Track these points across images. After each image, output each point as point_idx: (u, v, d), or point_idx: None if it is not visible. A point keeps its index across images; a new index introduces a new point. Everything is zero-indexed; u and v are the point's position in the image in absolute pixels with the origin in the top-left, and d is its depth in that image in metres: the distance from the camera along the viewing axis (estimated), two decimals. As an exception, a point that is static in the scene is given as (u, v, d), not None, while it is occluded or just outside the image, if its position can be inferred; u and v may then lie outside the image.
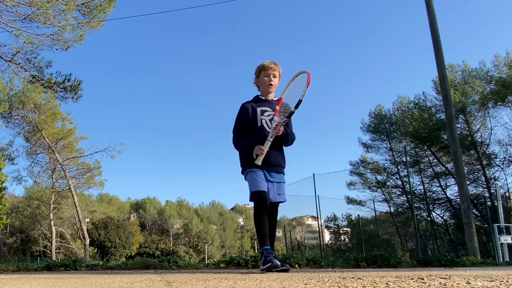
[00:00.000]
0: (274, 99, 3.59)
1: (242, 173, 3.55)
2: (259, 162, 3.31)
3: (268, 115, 3.48)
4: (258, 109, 3.51)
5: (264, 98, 3.57)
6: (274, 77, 3.53)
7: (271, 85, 3.52)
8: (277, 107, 3.42)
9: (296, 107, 3.35)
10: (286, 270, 3.19)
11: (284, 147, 3.59)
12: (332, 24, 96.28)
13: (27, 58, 15.10)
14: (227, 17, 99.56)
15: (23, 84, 20.52)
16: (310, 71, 3.43)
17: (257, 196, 3.31)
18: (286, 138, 3.44)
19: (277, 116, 3.39)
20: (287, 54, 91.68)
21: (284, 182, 3.57)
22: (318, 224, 18.18)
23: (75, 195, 26.38)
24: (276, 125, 3.32)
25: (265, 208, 3.29)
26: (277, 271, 3.06)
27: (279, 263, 3.05)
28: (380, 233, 24.14)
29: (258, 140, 3.37)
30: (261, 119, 3.47)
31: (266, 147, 3.32)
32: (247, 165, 3.46)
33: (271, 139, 3.33)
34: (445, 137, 19.93)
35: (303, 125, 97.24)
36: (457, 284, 1.59)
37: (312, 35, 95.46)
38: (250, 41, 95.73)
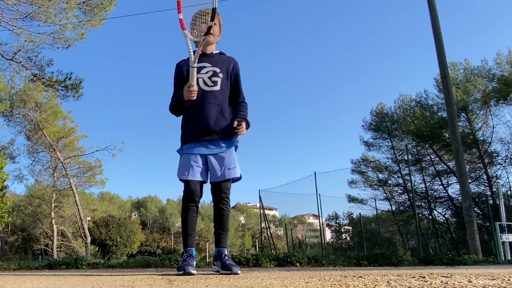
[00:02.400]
0: (215, 52, 2.98)
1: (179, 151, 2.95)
2: (194, 96, 2.71)
3: (207, 72, 2.86)
4: (193, 68, 2.80)
5: (201, 52, 2.84)
6: (214, 24, 2.76)
7: (210, 33, 2.75)
8: (180, 16, 2.77)
9: (212, 19, 2.65)
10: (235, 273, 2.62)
11: (225, 98, 2.88)
12: (333, 23, 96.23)
13: (28, 57, 15.11)
14: (227, 16, 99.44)
15: (24, 83, 20.57)
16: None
17: (184, 186, 2.81)
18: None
19: (185, 30, 2.76)
20: (287, 54, 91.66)
21: (233, 148, 2.89)
22: (319, 222, 18.17)
23: (76, 194, 26.40)
24: (196, 41, 2.69)
25: (190, 202, 2.78)
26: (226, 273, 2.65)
27: (193, 272, 2.58)
28: (382, 231, 24.17)
29: (196, 102, 2.80)
30: (197, 78, 2.81)
31: (192, 78, 2.71)
32: (181, 141, 2.93)
33: (195, 65, 2.70)
34: (446, 135, 19.90)
35: (303, 125, 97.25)
36: (458, 282, 1.58)
37: (313, 34, 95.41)
38: (254, 37, 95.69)
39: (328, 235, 26.47)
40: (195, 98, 2.75)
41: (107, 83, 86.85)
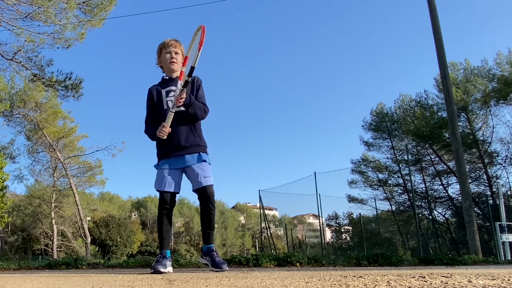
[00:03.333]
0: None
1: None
2: (164, 136, 3.07)
3: (174, 95, 3.16)
4: (163, 91, 3.27)
5: (168, 77, 3.31)
6: (176, 53, 3.27)
7: (173, 62, 3.24)
8: (183, 69, 3.15)
9: (189, 75, 3.04)
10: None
11: (194, 120, 3.23)
12: (333, 23, 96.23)
13: (28, 57, 15.12)
14: (227, 15, 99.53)
15: (24, 83, 20.56)
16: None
17: (159, 196, 3.20)
18: (190, 106, 3.11)
19: (180, 80, 3.13)
20: (287, 54, 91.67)
21: (206, 161, 3.21)
22: (319, 222, 18.18)
23: (76, 194, 26.40)
24: (178, 92, 3.05)
25: (163, 210, 3.17)
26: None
27: (162, 270, 3.02)
28: (382, 231, 24.18)
29: (172, 126, 3.15)
30: (166, 101, 3.23)
31: (169, 120, 3.06)
32: (157, 157, 3.29)
33: (174, 110, 3.05)
34: (446, 135, 19.90)
35: (303, 125, 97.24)
36: (458, 282, 1.59)
37: (313, 34, 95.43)
38: (254, 38, 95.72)
39: (328, 235, 26.47)
40: (165, 138, 3.09)
41: (107, 83, 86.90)
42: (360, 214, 22.86)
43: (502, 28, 67.27)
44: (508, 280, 1.63)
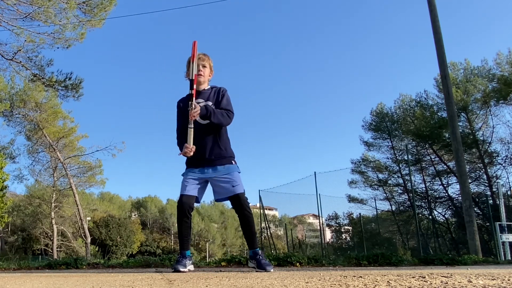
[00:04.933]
0: (207, 88, 3.44)
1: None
2: (189, 154, 3.21)
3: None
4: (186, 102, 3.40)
5: (196, 90, 3.40)
6: (204, 67, 3.37)
7: (200, 75, 3.35)
8: (195, 86, 3.29)
9: (191, 88, 3.21)
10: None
11: (220, 128, 3.33)
12: (333, 23, 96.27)
13: (28, 57, 15.11)
14: (228, 15, 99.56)
15: (24, 83, 20.57)
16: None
17: (178, 200, 3.30)
18: (208, 117, 3.18)
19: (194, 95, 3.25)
20: (287, 54, 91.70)
21: (236, 172, 3.31)
22: (319, 222, 18.18)
23: (76, 194, 26.40)
24: (189, 108, 3.16)
25: (180, 212, 3.26)
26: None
27: (181, 270, 3.13)
28: (382, 231, 24.16)
29: (198, 138, 3.30)
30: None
31: (190, 138, 3.18)
32: (185, 165, 3.45)
33: (191, 126, 3.17)
34: (446, 135, 19.89)
35: (303, 125, 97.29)
36: (458, 282, 1.59)
37: (313, 34, 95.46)
38: (254, 38, 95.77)
39: (328, 235, 26.46)
40: (191, 155, 3.22)
41: (107, 83, 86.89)
42: (360, 214, 22.87)
43: (502, 28, 67.30)
44: (508, 280, 1.63)
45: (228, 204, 68.01)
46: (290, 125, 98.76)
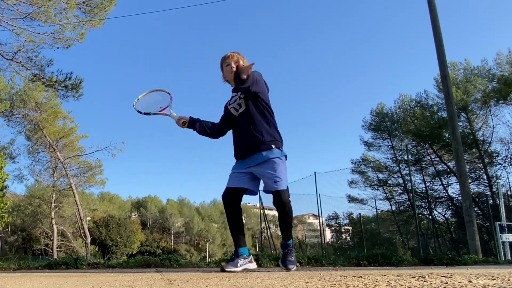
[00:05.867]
0: None
1: None
2: (180, 124, 3.34)
3: (235, 101, 3.34)
4: (228, 101, 3.46)
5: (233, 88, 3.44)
6: (236, 63, 3.31)
7: (233, 71, 3.29)
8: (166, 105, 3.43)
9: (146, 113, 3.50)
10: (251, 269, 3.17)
11: (253, 116, 3.20)
12: (333, 24, 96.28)
13: (28, 57, 15.11)
14: (227, 14, 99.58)
15: (24, 83, 20.56)
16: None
17: (222, 195, 3.25)
18: (242, 82, 3.02)
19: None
20: (287, 55, 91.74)
21: (277, 160, 3.09)
22: (319, 222, 18.16)
23: (76, 194, 26.39)
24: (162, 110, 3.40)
25: (226, 207, 3.20)
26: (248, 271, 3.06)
27: (226, 269, 2.98)
28: (382, 231, 24.14)
29: (236, 130, 3.35)
30: (230, 109, 3.39)
31: (174, 118, 3.37)
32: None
33: (169, 113, 3.40)
34: (446, 135, 19.89)
35: (303, 125, 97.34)
36: (458, 282, 1.59)
37: (313, 34, 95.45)
38: (252, 39, 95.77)
39: (328, 235, 26.44)
40: (184, 125, 3.31)
41: (107, 83, 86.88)
42: (360, 214, 22.85)
43: (502, 28, 67.29)
44: (508, 280, 1.63)
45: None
46: (290, 125, 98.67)
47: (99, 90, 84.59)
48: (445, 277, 1.83)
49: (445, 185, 22.71)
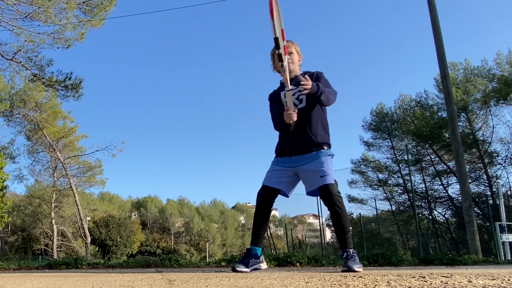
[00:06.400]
0: (299, 73, 3.22)
1: None
2: (293, 118, 2.95)
3: (294, 94, 3.07)
4: (282, 93, 3.20)
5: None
6: (290, 53, 3.14)
7: (289, 62, 3.09)
8: (285, 43, 2.88)
9: (277, 47, 2.79)
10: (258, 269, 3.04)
11: (310, 116, 3.07)
12: (333, 22, 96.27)
13: (28, 57, 15.10)
14: (230, 10, 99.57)
15: (24, 83, 20.54)
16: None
17: (258, 191, 3.11)
18: (318, 96, 2.89)
19: (286, 55, 2.92)
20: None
21: (326, 156, 2.99)
22: (319, 222, 18.19)
23: (76, 194, 26.39)
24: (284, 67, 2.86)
25: (258, 205, 3.06)
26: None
27: (237, 269, 2.87)
28: (382, 231, 24.15)
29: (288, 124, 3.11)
30: (285, 101, 3.08)
31: (289, 101, 2.95)
32: (275, 153, 3.24)
33: (288, 89, 2.92)
34: (446, 135, 19.89)
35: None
36: (458, 282, 1.59)
37: (312, 33, 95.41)
38: (250, 37, 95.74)
39: (328, 235, 26.46)
40: (295, 119, 2.96)
41: (107, 83, 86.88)
42: (360, 214, 22.85)
43: (502, 28, 67.29)
44: (508, 280, 1.63)
45: (228, 204, 67.64)
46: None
47: (99, 90, 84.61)
48: (445, 277, 1.83)
49: (445, 185, 22.73)
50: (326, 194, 2.86)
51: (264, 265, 3.13)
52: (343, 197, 3.01)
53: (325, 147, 3.06)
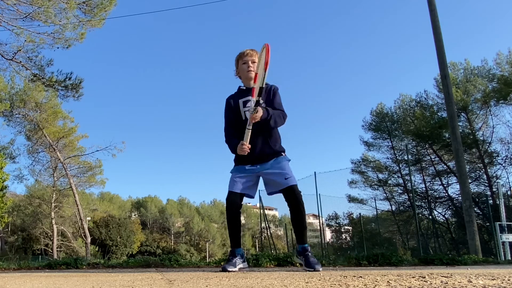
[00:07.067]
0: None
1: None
2: (245, 153, 3.13)
3: (249, 110, 3.20)
4: (240, 101, 3.31)
5: (245, 87, 3.35)
6: (253, 62, 3.26)
7: (250, 70, 3.25)
8: (254, 85, 3.12)
9: (259, 95, 3.02)
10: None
11: (273, 129, 3.25)
12: (333, 23, 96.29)
13: (28, 57, 15.11)
14: (229, 12, 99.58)
15: (24, 83, 20.59)
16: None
17: (227, 197, 3.24)
18: (268, 121, 3.10)
19: (253, 97, 3.11)
20: (286, 54, 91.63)
21: (285, 161, 3.23)
22: (319, 222, 18.16)
23: (76, 194, 26.40)
24: (251, 112, 3.05)
25: (230, 210, 3.20)
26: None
27: (228, 269, 3.00)
28: (382, 231, 24.14)
29: (243, 133, 3.24)
30: (244, 112, 3.27)
31: (247, 137, 3.10)
32: (234, 162, 3.37)
33: (250, 127, 3.08)
34: (446, 135, 19.89)
35: (303, 125, 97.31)
36: (458, 282, 1.59)
37: (312, 33, 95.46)
38: (250, 37, 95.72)
39: (328, 235, 26.43)
40: (246, 154, 3.14)
41: (107, 83, 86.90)
42: (360, 214, 22.83)
43: (502, 28, 67.31)
44: (508, 280, 1.63)
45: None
46: (290, 125, 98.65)
47: (99, 90, 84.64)
48: (445, 277, 1.83)
49: (445, 185, 22.71)
50: (292, 194, 3.10)
51: (246, 264, 3.33)
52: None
53: (283, 153, 3.27)
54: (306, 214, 3.20)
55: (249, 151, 3.13)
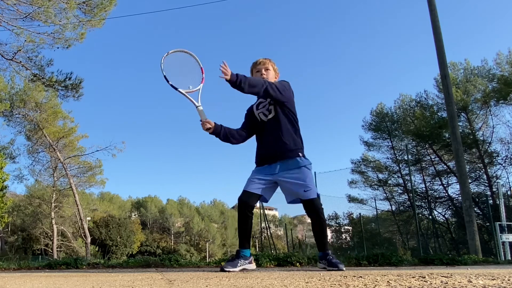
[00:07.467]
0: None
1: None
2: (204, 129, 3.24)
3: (264, 106, 3.36)
4: (254, 106, 3.48)
5: None
6: (266, 69, 3.42)
7: (263, 78, 3.37)
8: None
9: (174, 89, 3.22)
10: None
11: (281, 124, 3.27)
12: (333, 23, 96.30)
13: (28, 57, 15.10)
14: (229, 12, 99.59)
15: (24, 83, 20.57)
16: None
17: (239, 196, 3.23)
18: (238, 84, 3.02)
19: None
20: (286, 54, 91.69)
21: (306, 170, 3.18)
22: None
23: (76, 194, 26.38)
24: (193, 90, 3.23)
25: (240, 209, 3.19)
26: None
27: (225, 269, 2.99)
28: (382, 231, 24.12)
29: (263, 135, 3.34)
30: (258, 114, 3.41)
31: (200, 115, 3.24)
32: (256, 163, 3.42)
33: (197, 103, 3.22)
34: (446, 135, 19.88)
35: (303, 125, 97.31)
36: (458, 282, 1.59)
37: (312, 34, 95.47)
38: (250, 37, 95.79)
39: (328, 235, 26.42)
40: (207, 131, 3.25)
41: (107, 83, 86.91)
42: (360, 214, 22.81)
43: (502, 28, 67.32)
44: (508, 280, 1.63)
45: (228, 204, 67.59)
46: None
47: (99, 90, 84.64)
48: (445, 277, 1.83)
49: (445, 185, 22.71)
50: (311, 207, 3.12)
51: (253, 266, 3.26)
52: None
53: (300, 154, 3.24)
54: (326, 224, 3.23)
55: (206, 125, 3.21)
